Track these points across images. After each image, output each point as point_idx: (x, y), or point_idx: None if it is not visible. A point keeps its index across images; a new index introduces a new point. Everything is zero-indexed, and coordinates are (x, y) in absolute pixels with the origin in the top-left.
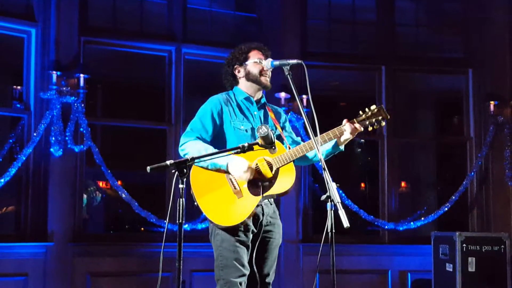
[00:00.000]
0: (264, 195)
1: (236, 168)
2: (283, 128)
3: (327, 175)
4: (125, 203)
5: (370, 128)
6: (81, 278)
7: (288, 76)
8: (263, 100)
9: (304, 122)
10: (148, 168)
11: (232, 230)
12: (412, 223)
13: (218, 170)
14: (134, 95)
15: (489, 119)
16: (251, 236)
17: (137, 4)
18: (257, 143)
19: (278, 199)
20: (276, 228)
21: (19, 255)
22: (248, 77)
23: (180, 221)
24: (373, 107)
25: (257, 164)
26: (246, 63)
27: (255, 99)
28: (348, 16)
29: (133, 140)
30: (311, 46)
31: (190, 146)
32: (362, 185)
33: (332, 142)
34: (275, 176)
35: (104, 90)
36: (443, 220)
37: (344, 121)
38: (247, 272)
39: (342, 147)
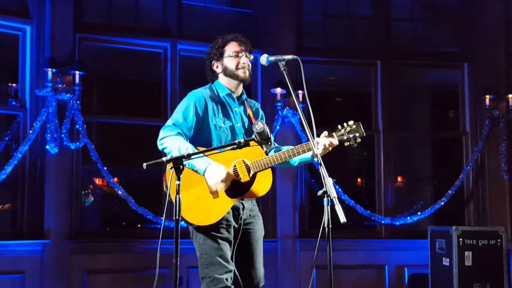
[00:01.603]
0: (239, 198)
1: (213, 177)
2: None
3: (323, 171)
4: (122, 200)
5: (346, 144)
6: (78, 275)
7: (284, 71)
8: (244, 96)
9: (300, 118)
10: (144, 164)
11: (213, 227)
12: (408, 217)
13: (195, 172)
14: (129, 92)
15: (484, 113)
16: (233, 232)
17: (132, 0)
18: (253, 139)
19: (274, 195)
20: (257, 219)
21: (15, 252)
22: (226, 72)
23: (177, 217)
24: (351, 122)
25: (235, 166)
26: (223, 57)
27: (236, 95)
28: (343, 11)
29: (129, 136)
30: (306, 41)
31: (170, 141)
32: (359, 180)
33: (310, 152)
34: (252, 180)
35: (100, 87)
36: (439, 214)
37: (323, 133)
38: (232, 268)
39: (316, 159)
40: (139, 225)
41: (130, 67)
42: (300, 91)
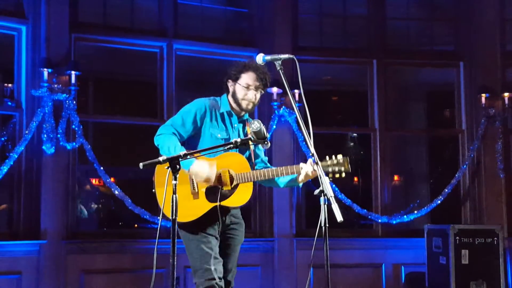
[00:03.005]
0: (219, 204)
1: (199, 169)
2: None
3: (320, 170)
4: (118, 200)
5: (330, 175)
6: (74, 275)
7: (280, 71)
8: (246, 116)
9: (296, 117)
10: (141, 164)
11: (199, 225)
12: (405, 216)
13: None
14: (126, 92)
15: (480, 111)
16: (217, 230)
17: (128, 0)
18: (250, 139)
19: (271, 194)
20: (240, 227)
21: (12, 253)
22: (233, 95)
23: (174, 217)
24: (339, 156)
25: (220, 174)
26: (236, 82)
27: (237, 115)
28: (339, 10)
29: (125, 136)
30: (302, 40)
31: (163, 139)
32: (355, 179)
33: (292, 176)
34: (233, 190)
35: (96, 87)
36: (436, 213)
37: (309, 160)
38: (221, 260)
39: (300, 184)
40: (136, 225)
41: (126, 67)
42: (296, 90)
